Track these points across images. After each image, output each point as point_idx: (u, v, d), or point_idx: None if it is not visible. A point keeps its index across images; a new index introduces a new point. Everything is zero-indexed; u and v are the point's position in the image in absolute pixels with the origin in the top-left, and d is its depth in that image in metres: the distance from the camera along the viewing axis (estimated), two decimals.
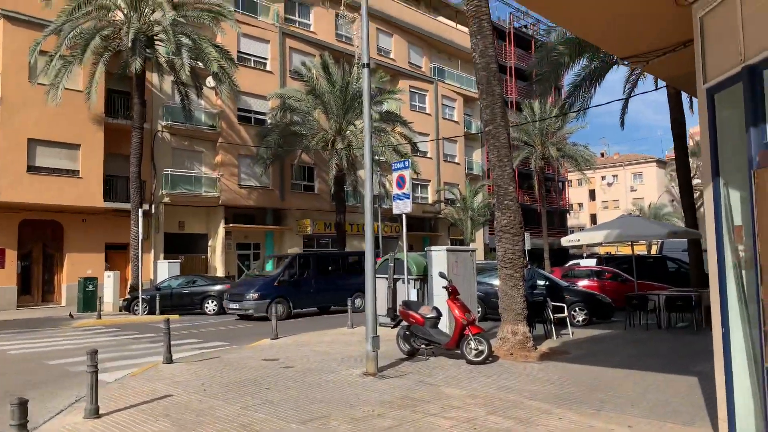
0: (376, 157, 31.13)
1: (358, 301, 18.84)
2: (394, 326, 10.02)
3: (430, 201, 40.53)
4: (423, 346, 9.32)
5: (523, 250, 9.95)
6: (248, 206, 30.60)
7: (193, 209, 28.92)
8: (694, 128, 68.82)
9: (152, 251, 26.90)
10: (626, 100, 21.28)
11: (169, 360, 9.20)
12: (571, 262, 32.08)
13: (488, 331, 13.33)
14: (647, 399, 6.61)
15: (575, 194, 76.99)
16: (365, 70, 8.95)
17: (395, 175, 12.82)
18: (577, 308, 14.74)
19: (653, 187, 74.70)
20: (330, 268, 20.34)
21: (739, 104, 4.49)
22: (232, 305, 18.09)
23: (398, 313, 9.77)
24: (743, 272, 4.63)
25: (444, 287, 9.39)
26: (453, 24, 44.72)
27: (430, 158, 41.15)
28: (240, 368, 8.87)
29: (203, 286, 20.51)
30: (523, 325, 9.77)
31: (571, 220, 67.08)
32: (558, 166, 50.38)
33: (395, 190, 12.85)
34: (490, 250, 46.75)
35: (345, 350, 10.51)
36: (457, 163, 43.53)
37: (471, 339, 8.76)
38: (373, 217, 8.67)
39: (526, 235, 37.45)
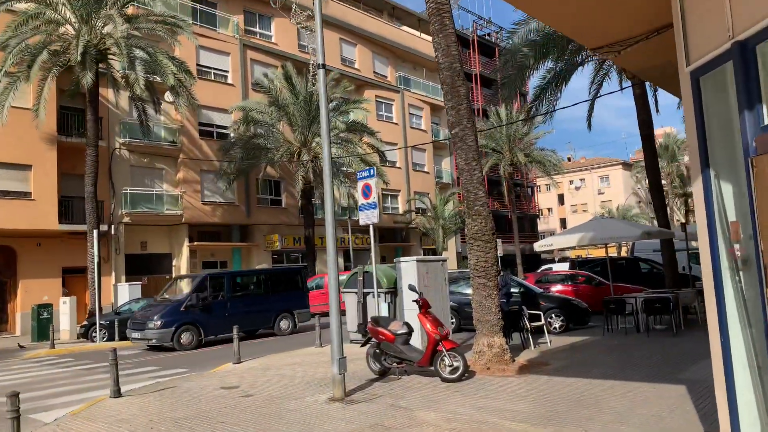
0: (344, 168, 30.59)
1: (284, 323, 17.88)
2: (363, 344, 9.39)
3: (400, 211, 40.06)
4: (395, 364, 8.70)
5: (496, 257, 9.45)
6: (213, 223, 29.65)
7: (155, 228, 27.86)
8: (659, 130, 70.06)
9: (113, 273, 25.77)
10: (592, 101, 21.15)
11: (116, 393, 8.39)
12: (543, 267, 31.87)
13: (463, 343, 12.82)
14: (637, 414, 6.11)
15: (544, 199, 77.52)
16: (321, 72, 8.38)
17: (360, 184, 12.25)
18: (553, 315, 14.32)
19: (620, 189, 75.65)
20: (250, 288, 18.52)
21: (728, 87, 4.03)
22: (135, 334, 16.08)
23: (367, 330, 9.15)
24: (741, 273, 4.16)
25: (414, 301, 8.80)
26: (417, 33, 44.58)
27: (399, 168, 40.72)
28: (195, 399, 8.12)
29: None
30: (499, 336, 9.25)
31: (542, 225, 67.41)
32: (526, 172, 50.53)
33: (361, 200, 12.28)
34: (462, 259, 46.47)
35: (312, 372, 9.83)
36: (427, 172, 43.21)
37: (445, 355, 8.18)
38: (334, 228, 8.06)
39: (498, 241, 37.25)
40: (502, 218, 51.14)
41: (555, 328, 14.15)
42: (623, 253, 46.49)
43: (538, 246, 14.27)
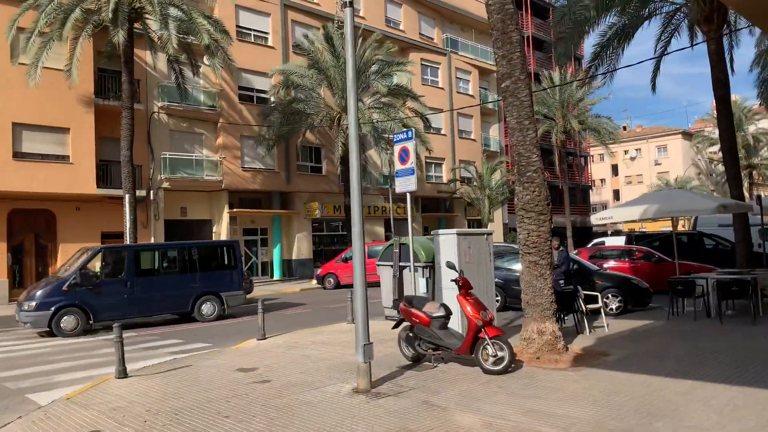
0: (386, 135, 29.36)
1: (206, 308, 14.90)
2: (396, 325, 8.37)
3: (444, 180, 38.64)
4: (430, 351, 7.66)
5: (550, 231, 8.19)
6: (253, 190, 29.07)
7: (195, 194, 27.49)
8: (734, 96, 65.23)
9: (152, 239, 25.55)
10: (659, 59, 19.15)
11: (122, 374, 7.67)
12: (595, 241, 30.12)
13: (509, 324, 11.68)
14: None
15: (597, 170, 74.36)
16: (347, 11, 7.19)
17: (397, 148, 11.14)
18: (609, 295, 12.97)
19: (678, 160, 71.74)
20: (164, 265, 15.43)
21: None
22: (16, 315, 13.58)
23: (399, 311, 8.11)
24: None
25: (453, 280, 7.69)
26: None
27: (445, 135, 39.19)
28: (205, 383, 7.30)
29: None
30: (552, 322, 8.06)
31: (594, 197, 64.73)
32: (580, 140, 48.10)
33: (397, 165, 11.17)
34: (509, 231, 44.83)
35: (340, 354, 8.90)
36: (473, 140, 41.49)
37: (488, 343, 7.08)
38: (360, 191, 7.03)
39: None
40: (553, 189, 48.90)
41: (612, 309, 12.83)
42: (682, 228, 43.93)
43: (596, 219, 12.87)
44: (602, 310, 10.54)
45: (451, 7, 40.31)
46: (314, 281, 26.31)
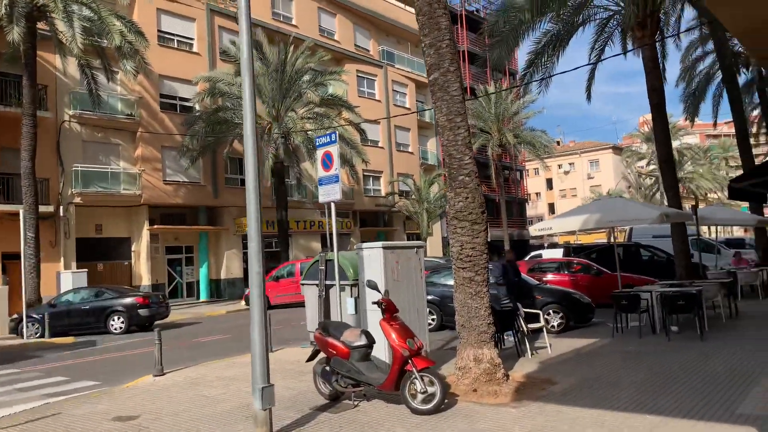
0: None
1: None
2: (309, 358, 7.15)
3: (383, 193, 37.74)
4: (350, 387, 6.45)
5: (485, 243, 7.20)
6: (177, 204, 27.15)
7: (111, 210, 25.35)
8: (646, 115, 68.02)
9: (62, 260, 23.28)
10: (593, 67, 18.87)
11: None
12: (532, 254, 29.78)
13: (445, 345, 10.63)
14: None
15: (533, 184, 75.72)
16: None
17: (319, 153, 10.03)
18: (551, 311, 12.17)
19: (610, 174, 73.98)
20: None
21: None
22: None
23: (313, 340, 6.90)
24: None
25: (375, 303, 6.55)
26: (401, 5, 41.93)
27: (382, 148, 38.36)
28: None
29: (109, 299, 17.12)
30: (490, 347, 7.03)
31: (530, 210, 65.54)
32: (515, 154, 48.36)
33: (320, 172, 10.03)
34: (448, 244, 44.34)
35: (247, 394, 7.54)
36: (411, 153, 40.86)
37: (416, 377, 5.95)
38: (258, 201, 5.82)
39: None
40: (491, 202, 48.95)
41: (553, 327, 12.03)
42: (619, 239, 44.59)
43: (535, 230, 12.10)
44: (544, 329, 9.65)
45: (387, 19, 39.75)
46: (243, 302, 24.62)
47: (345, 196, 34.88)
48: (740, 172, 39.38)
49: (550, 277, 16.71)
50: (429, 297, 13.03)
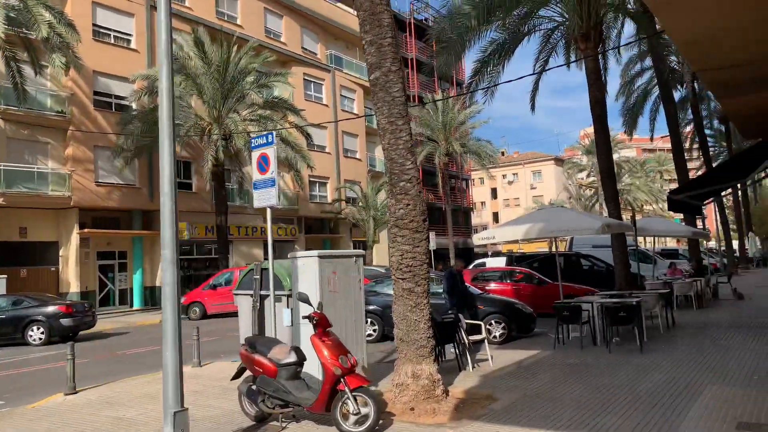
0: None
1: None
2: (234, 377, 6.61)
3: (329, 200, 37.19)
4: (278, 408, 5.94)
5: (426, 252, 6.85)
6: (110, 208, 25.81)
7: (37, 212, 23.84)
8: (587, 129, 70.29)
9: None
10: (538, 77, 19.03)
11: None
12: (476, 263, 29.88)
13: (386, 357, 10.24)
14: None
15: (478, 193, 76.84)
16: None
17: (255, 154, 9.48)
18: (493, 321, 11.98)
19: (552, 185, 75.80)
20: None
21: None
22: None
23: (240, 356, 6.35)
24: None
25: (306, 317, 6.08)
26: (350, 10, 41.62)
27: (329, 153, 37.85)
28: None
29: (28, 308, 15.90)
30: (429, 362, 6.67)
31: (475, 219, 66.29)
32: (462, 163, 48.82)
33: (256, 175, 9.48)
34: None
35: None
36: (359, 160, 40.53)
37: (348, 398, 5.51)
38: (173, 204, 5.27)
39: (431, 234, 35.18)
40: (437, 210, 49.20)
41: (495, 337, 11.84)
42: (561, 249, 45.46)
43: (479, 238, 11.91)
44: (486, 341, 9.39)
45: (335, 23, 39.36)
46: None
47: (290, 202, 34.19)
48: (675, 185, 41.11)
49: (492, 286, 16.62)
50: (371, 307, 12.66)
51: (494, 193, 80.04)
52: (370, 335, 12.70)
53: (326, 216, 36.44)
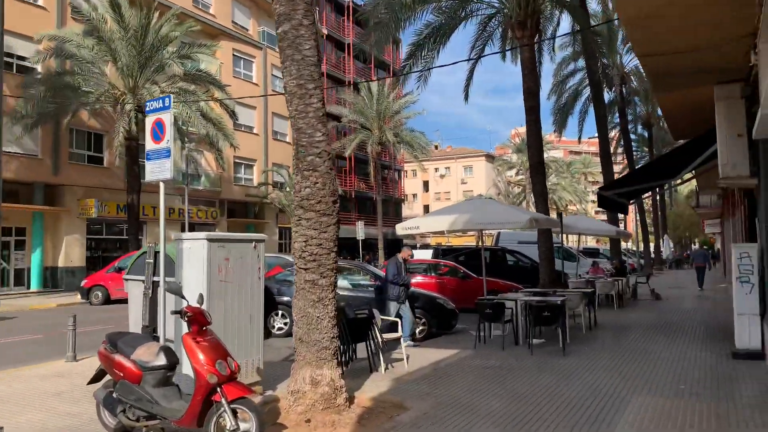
0: (185, 127, 25.74)
1: None
2: (93, 380, 5.49)
3: (255, 183, 35.59)
4: (143, 420, 4.88)
5: (335, 239, 5.95)
6: (7, 179, 23.27)
7: None
8: (518, 128, 71.48)
9: None
10: (472, 70, 18.47)
11: None
12: None
13: (292, 355, 9.28)
14: None
15: (410, 185, 76.90)
16: None
17: (150, 120, 8.21)
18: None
19: (482, 180, 76.77)
20: None
21: None
22: None
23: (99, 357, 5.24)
24: None
25: (175, 312, 5.04)
26: None
27: (257, 135, 36.26)
28: None
29: None
30: (331, 366, 5.79)
31: (406, 210, 66.13)
32: (395, 153, 48.31)
33: (149, 144, 8.23)
34: None
35: (12, 425, 5.72)
36: (289, 143, 39.00)
37: (225, 410, 4.53)
38: None
39: (360, 223, 34.30)
40: (368, 200, 48.51)
41: (414, 334, 11.13)
42: (487, 243, 45.78)
43: (402, 228, 11.13)
44: (401, 340, 8.61)
45: None
46: (79, 295, 21.59)
47: (212, 184, 32.40)
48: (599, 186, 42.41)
49: (417, 279, 15.96)
50: (285, 299, 11.64)
51: (426, 185, 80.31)
52: (281, 329, 11.71)
53: (251, 200, 34.87)
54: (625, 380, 7.26)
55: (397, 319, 9.03)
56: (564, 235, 17.81)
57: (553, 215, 17.40)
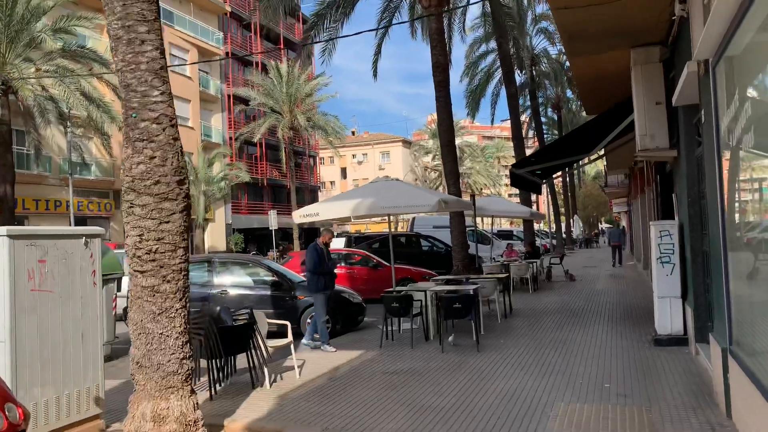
0: (68, 110, 23.06)
1: None
2: None
3: None
4: None
5: (184, 231, 4.58)
6: None
7: None
8: (434, 114, 71.98)
9: None
10: (379, 44, 17.33)
11: None
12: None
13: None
14: None
15: (328, 172, 75.53)
16: None
17: None
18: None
19: (399, 166, 76.41)
20: None
21: None
22: None
23: None
24: None
25: None
26: None
27: None
28: None
29: None
30: (182, 396, 4.45)
31: (323, 198, 64.61)
32: (309, 139, 46.67)
33: None
34: (233, 232, 40.81)
35: None
36: (191, 128, 36.47)
37: None
38: None
39: (273, 212, 32.50)
40: (281, 188, 46.59)
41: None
42: (402, 229, 45.31)
43: (299, 216, 9.78)
44: (291, 346, 7.33)
45: None
46: None
47: (104, 173, 29.54)
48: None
49: None
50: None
51: (344, 172, 79.05)
52: None
53: None
54: (546, 379, 6.39)
55: (286, 322, 7.72)
56: (480, 218, 17.21)
57: (468, 198, 16.71)
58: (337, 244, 23.40)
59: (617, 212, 49.91)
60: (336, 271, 14.50)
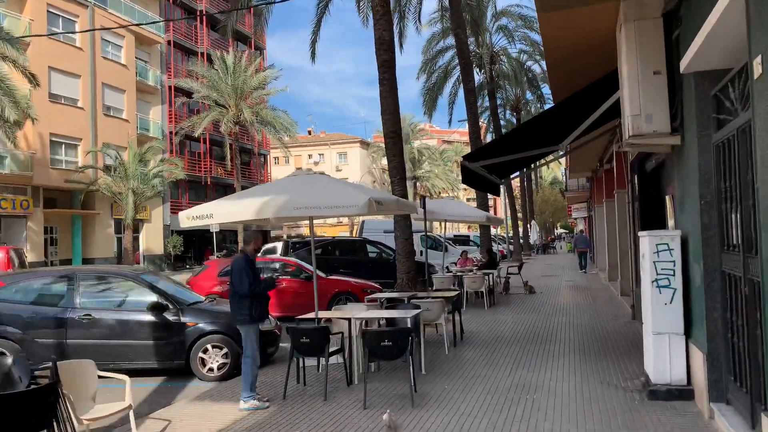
0: None
1: None
2: None
3: (80, 166, 29.68)
4: None
5: None
6: None
7: None
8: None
9: None
10: (318, 24, 15.08)
11: None
12: (265, 247, 25.47)
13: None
14: None
15: (282, 172, 72.52)
16: None
17: None
18: (209, 346, 7.76)
19: (357, 167, 74.40)
20: None
21: None
22: None
23: None
24: None
25: None
26: None
27: (81, 108, 30.36)
28: None
29: None
30: None
31: None
32: (255, 134, 43.96)
33: None
34: (171, 234, 37.75)
35: None
36: (125, 120, 33.42)
37: None
38: None
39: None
40: (228, 187, 43.71)
41: (212, 370, 7.66)
42: (352, 234, 43.09)
43: (187, 218, 7.36)
44: (131, 415, 5.03)
45: None
46: None
47: (20, 167, 26.35)
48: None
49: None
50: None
51: None
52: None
53: (75, 186, 28.98)
54: None
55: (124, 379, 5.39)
56: (438, 223, 15.19)
57: (420, 197, 14.67)
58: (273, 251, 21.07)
59: (575, 218, 48.85)
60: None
